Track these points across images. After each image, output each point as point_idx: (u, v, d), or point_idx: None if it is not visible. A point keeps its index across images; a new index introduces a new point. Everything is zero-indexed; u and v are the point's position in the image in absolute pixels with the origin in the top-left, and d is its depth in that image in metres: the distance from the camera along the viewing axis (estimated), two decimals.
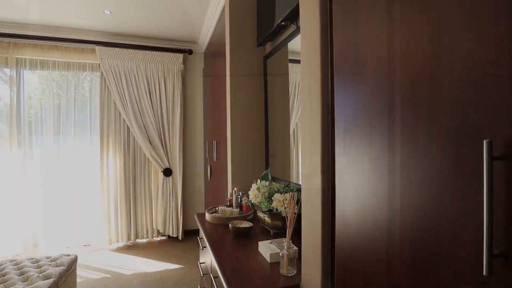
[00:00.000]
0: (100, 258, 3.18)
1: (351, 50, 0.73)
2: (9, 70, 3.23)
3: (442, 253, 0.47)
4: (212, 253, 1.27)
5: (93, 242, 3.50)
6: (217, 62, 2.79)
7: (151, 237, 3.66)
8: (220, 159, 2.58)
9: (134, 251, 3.36)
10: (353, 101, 0.72)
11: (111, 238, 3.47)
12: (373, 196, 0.64)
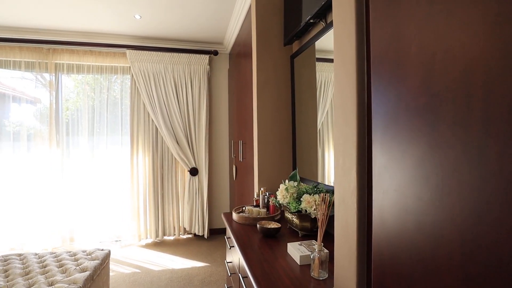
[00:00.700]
0: (130, 254, 3.31)
1: (391, 44, 0.69)
2: (48, 75, 3.45)
3: (502, 266, 0.43)
4: (241, 253, 1.26)
5: (124, 238, 3.65)
6: (242, 62, 2.80)
7: (178, 235, 3.75)
8: (246, 159, 2.59)
9: (161, 248, 3.45)
10: (394, 97, 0.68)
11: (140, 235, 3.60)
12: (416, 199, 0.60)
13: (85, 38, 3.44)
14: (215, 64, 3.88)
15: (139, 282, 2.65)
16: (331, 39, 1.59)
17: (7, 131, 3.49)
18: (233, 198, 3.55)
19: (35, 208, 3.42)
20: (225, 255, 3.22)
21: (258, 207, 1.84)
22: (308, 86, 1.89)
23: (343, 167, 0.90)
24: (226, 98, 3.92)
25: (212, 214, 3.90)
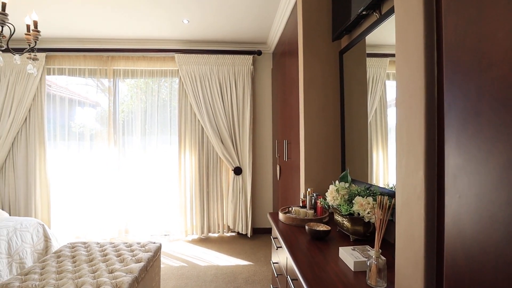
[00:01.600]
0: (178, 248, 3.46)
1: (470, 29, 0.61)
2: (107, 81, 3.78)
3: None
4: (290, 254, 1.23)
5: (172, 232, 3.84)
6: (287, 61, 2.76)
7: (222, 232, 3.84)
8: (292, 158, 2.55)
9: (206, 244, 3.56)
10: (474, 89, 0.60)
11: (187, 230, 3.76)
12: (508, 206, 0.52)
13: (139, 45, 3.69)
14: (259, 64, 3.90)
15: (186, 275, 2.76)
16: (384, 32, 1.49)
17: (73, 132, 3.89)
18: (277, 198, 3.52)
19: (96, 201, 3.77)
20: (269, 255, 3.21)
21: (305, 208, 1.80)
22: (358, 83, 1.79)
23: (407, 168, 0.82)
24: (270, 98, 3.92)
25: (255, 213, 3.92)
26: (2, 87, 3.55)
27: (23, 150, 3.65)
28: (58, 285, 1.64)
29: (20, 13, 2.78)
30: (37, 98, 3.62)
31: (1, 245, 2.20)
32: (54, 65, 3.68)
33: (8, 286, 1.64)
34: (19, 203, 3.64)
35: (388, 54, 1.56)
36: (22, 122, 3.59)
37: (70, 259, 2.02)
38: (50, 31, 3.36)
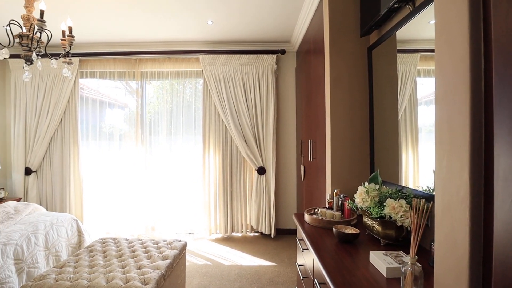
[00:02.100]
0: (202, 246, 3.51)
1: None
2: (135, 83, 3.91)
3: None
4: (317, 257, 1.20)
5: (196, 231, 3.90)
6: (312, 59, 2.71)
7: (245, 232, 3.84)
8: (317, 159, 2.49)
9: (230, 244, 3.58)
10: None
11: (210, 229, 3.80)
12: None
13: (165, 47, 3.79)
14: (282, 63, 3.86)
15: (210, 274, 2.79)
16: (416, 25, 1.41)
17: (103, 132, 4.07)
18: (301, 198, 3.47)
19: (124, 198, 3.92)
20: (293, 256, 3.17)
21: (332, 210, 1.75)
22: (388, 80, 1.72)
23: (449, 169, 0.76)
24: (294, 97, 3.87)
25: (279, 214, 3.89)
26: (40, 90, 3.79)
27: (59, 149, 3.86)
28: (90, 279, 1.71)
29: (56, 20, 2.94)
30: (71, 100, 3.83)
31: (39, 239, 2.34)
32: (86, 69, 3.87)
33: (45, 277, 1.74)
34: (55, 199, 3.86)
35: (419, 50, 1.48)
36: (58, 123, 3.81)
37: (101, 254, 2.10)
38: (83, 37, 3.53)
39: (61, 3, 2.66)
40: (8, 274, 1.98)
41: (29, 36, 2.00)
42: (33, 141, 3.81)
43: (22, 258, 2.13)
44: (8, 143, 4.01)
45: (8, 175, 3.98)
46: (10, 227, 2.30)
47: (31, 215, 2.65)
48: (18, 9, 2.71)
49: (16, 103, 3.82)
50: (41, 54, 2.22)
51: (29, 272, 2.16)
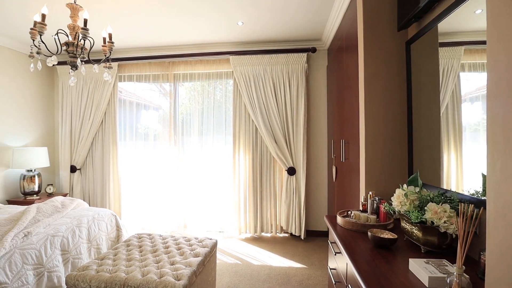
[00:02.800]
0: (232, 245, 3.55)
1: None
2: (168, 85, 4.06)
3: None
4: (352, 262, 1.15)
5: (226, 229, 3.95)
6: (344, 57, 2.62)
7: (275, 232, 3.82)
8: (349, 159, 2.40)
9: (259, 244, 3.58)
10: None
11: (240, 228, 3.83)
12: None
13: (197, 49, 3.89)
14: (313, 62, 3.79)
15: (240, 273, 2.81)
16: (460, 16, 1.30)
17: (139, 133, 4.28)
18: (332, 200, 3.38)
19: (158, 196, 4.08)
20: (324, 259, 3.09)
21: (366, 213, 1.67)
22: (428, 76, 1.60)
23: (504, 171, 0.68)
24: (325, 96, 3.78)
25: (309, 215, 3.82)
26: (84, 94, 4.07)
27: (100, 149, 4.13)
28: (127, 272, 1.80)
29: (97, 27, 3.14)
30: (111, 103, 4.07)
31: (82, 232, 2.51)
32: (124, 73, 4.09)
33: (88, 268, 1.85)
34: (96, 195, 4.13)
35: (463, 42, 1.36)
36: (99, 124, 4.07)
37: (138, 249, 2.20)
38: (121, 43, 3.73)
39: (102, 12, 2.84)
40: (55, 264, 2.14)
41: (74, 43, 2.15)
42: (78, 141, 4.10)
43: (67, 249, 2.30)
44: (56, 143, 4.36)
45: (56, 172, 4.33)
46: (57, 220, 2.50)
47: (76, 210, 2.85)
48: (65, 19, 2.93)
49: (63, 106, 4.14)
50: (84, 60, 2.39)
51: (73, 263, 2.32)
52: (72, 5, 2.11)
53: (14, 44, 3.68)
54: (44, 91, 4.21)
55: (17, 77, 3.78)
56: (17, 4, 2.66)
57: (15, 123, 3.75)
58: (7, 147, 3.64)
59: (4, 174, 3.63)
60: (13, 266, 1.85)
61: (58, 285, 2.12)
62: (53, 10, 2.76)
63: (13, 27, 3.21)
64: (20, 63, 3.82)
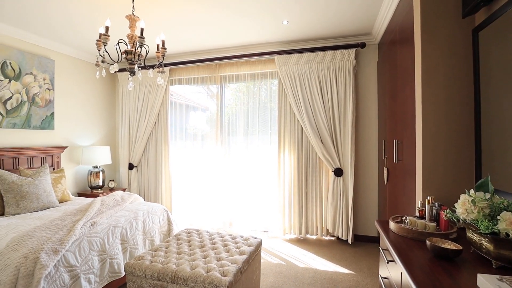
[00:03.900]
0: (276, 245, 3.54)
1: None
2: (215, 87, 4.20)
3: None
4: (408, 273, 1.05)
5: (271, 229, 3.96)
6: (398, 50, 2.43)
7: (320, 235, 3.71)
8: (403, 160, 2.23)
9: (304, 245, 3.51)
10: None
11: (285, 229, 3.80)
12: None
13: (242, 51, 3.96)
14: (362, 58, 3.60)
15: (284, 274, 2.78)
16: None
17: (188, 133, 4.51)
18: (383, 204, 3.17)
19: (205, 194, 4.25)
20: (374, 266, 2.92)
21: (423, 219, 1.53)
22: (502, 68, 1.40)
23: None
24: (375, 93, 3.56)
25: (357, 219, 3.64)
26: (140, 97, 4.42)
27: (153, 148, 4.44)
28: (177, 264, 1.90)
29: (152, 35, 3.38)
30: (163, 105, 4.35)
31: (139, 224, 2.72)
32: (175, 76, 4.35)
33: (143, 258, 2.00)
34: (150, 191, 4.45)
35: None
36: (153, 125, 4.38)
37: (187, 243, 2.31)
38: (173, 48, 3.97)
39: (155, 21, 3.04)
40: (116, 252, 2.36)
41: (132, 51, 2.34)
42: (134, 141, 4.47)
43: (126, 239, 2.51)
44: (117, 142, 4.80)
45: (117, 169, 4.77)
46: (118, 213, 2.74)
47: (133, 204, 3.11)
48: (124, 29, 3.21)
49: (122, 109, 4.55)
50: (141, 66, 2.58)
51: (131, 252, 2.52)
52: (131, 16, 2.30)
53: (82, 54, 4.14)
54: (107, 96, 4.66)
55: (85, 84, 4.25)
56: (87, 20, 2.99)
57: (83, 125, 4.22)
58: (78, 146, 4.11)
59: (75, 170, 4.11)
60: (82, 251, 2.08)
61: (118, 271, 2.32)
62: (114, 21, 3.04)
63: (82, 40, 3.62)
64: (87, 71, 4.28)
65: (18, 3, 2.65)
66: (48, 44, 3.64)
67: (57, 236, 2.03)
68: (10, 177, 2.75)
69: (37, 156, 3.50)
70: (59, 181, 3.32)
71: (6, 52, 3.18)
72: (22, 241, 1.93)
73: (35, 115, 3.50)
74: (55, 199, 3.05)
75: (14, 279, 1.71)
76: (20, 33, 3.30)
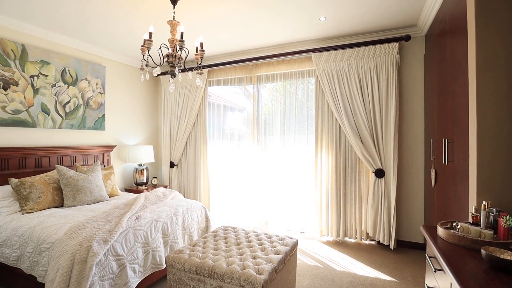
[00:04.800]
0: (312, 247, 3.46)
1: None
2: (251, 87, 4.24)
3: None
4: (459, 284, 0.96)
5: (307, 230, 3.88)
6: (448, 41, 2.24)
7: (360, 238, 3.55)
8: (454, 162, 2.04)
9: (342, 249, 3.39)
10: None
11: (322, 231, 3.70)
12: None
13: (278, 50, 3.95)
14: (406, 51, 3.37)
15: (320, 276, 2.71)
16: None
17: (226, 133, 4.61)
18: (430, 208, 2.94)
19: (242, 192, 4.31)
20: (419, 274, 2.72)
21: (477, 226, 1.38)
22: None
23: None
24: (421, 89, 3.32)
25: (401, 224, 3.42)
26: (180, 99, 4.62)
27: (192, 147, 4.61)
28: (214, 260, 1.95)
29: (191, 38, 3.51)
30: (202, 106, 4.50)
31: (178, 219, 2.85)
32: (213, 78, 4.47)
33: (182, 252, 2.08)
34: (189, 188, 4.63)
35: None
36: (192, 125, 4.55)
37: (223, 240, 2.36)
38: (210, 50, 4.09)
39: (193, 24, 3.15)
40: (157, 244, 2.49)
41: (173, 54, 2.45)
42: (175, 140, 4.68)
43: (167, 233, 2.64)
44: (159, 142, 5.08)
45: (159, 167, 5.04)
46: (159, 208, 2.89)
47: (173, 200, 3.26)
48: (166, 34, 3.38)
49: (164, 110, 4.79)
50: (181, 69, 2.70)
51: (171, 245, 2.65)
52: (172, 21, 2.41)
53: (128, 59, 4.44)
54: (150, 98, 4.95)
55: (131, 88, 4.56)
56: (134, 27, 3.20)
57: (130, 126, 4.53)
58: (125, 145, 4.43)
59: (123, 167, 4.42)
60: (128, 242, 2.23)
61: (160, 263, 2.45)
62: (156, 27, 3.21)
63: (128, 46, 3.89)
64: (132, 75, 4.59)
65: (82, 18, 2.93)
66: (100, 51, 3.97)
67: (107, 227, 2.20)
68: (68, 173, 3.05)
69: (90, 154, 3.84)
70: (109, 177, 3.60)
71: (65, 60, 3.54)
72: (77, 230, 2.13)
73: (89, 116, 3.84)
74: (105, 193, 3.32)
75: (70, 264, 1.89)
76: (77, 43, 3.65)
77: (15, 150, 3.04)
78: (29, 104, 3.20)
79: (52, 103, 3.42)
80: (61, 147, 3.46)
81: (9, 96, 3.02)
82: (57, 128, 3.47)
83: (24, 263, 2.21)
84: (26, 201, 2.74)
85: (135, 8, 2.80)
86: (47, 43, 3.39)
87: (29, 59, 3.17)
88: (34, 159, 3.23)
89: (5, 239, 2.36)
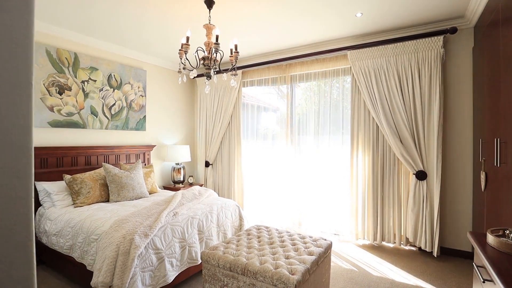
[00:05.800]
0: (347, 250, 3.36)
1: None
2: (285, 87, 4.23)
3: None
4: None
5: (342, 233, 3.78)
6: (501, 32, 2.04)
7: (399, 244, 3.38)
8: (507, 163, 1.86)
9: (379, 253, 3.25)
10: None
11: (357, 234, 3.58)
12: None
13: (312, 49, 3.89)
14: (452, 45, 3.13)
15: (356, 281, 2.62)
16: None
17: (259, 133, 4.65)
18: (479, 214, 2.70)
19: (276, 192, 4.32)
20: (465, 284, 2.52)
21: None
22: None
23: None
24: (469, 85, 3.06)
25: (445, 229, 3.18)
26: (215, 99, 4.75)
27: (227, 147, 4.72)
28: (247, 258, 1.98)
29: (226, 40, 3.60)
30: (236, 106, 4.59)
31: (213, 217, 2.94)
32: (247, 79, 4.53)
33: (216, 248, 2.15)
34: (224, 187, 4.74)
35: None
36: (226, 126, 4.66)
37: (256, 239, 2.39)
38: (244, 52, 4.15)
39: (227, 26, 3.23)
40: (193, 241, 2.59)
41: (209, 57, 2.54)
42: (210, 141, 4.83)
43: (202, 230, 2.74)
44: (195, 142, 5.27)
45: (195, 166, 5.23)
46: (195, 206, 3.01)
47: (208, 198, 3.36)
48: (201, 37, 3.51)
49: (200, 111, 4.97)
50: (216, 71, 2.78)
51: (206, 242, 2.74)
52: (207, 25, 2.49)
53: (167, 63, 4.67)
54: (187, 100, 5.16)
55: (169, 90, 4.79)
56: (171, 32, 3.37)
57: (168, 126, 4.77)
58: (164, 145, 4.66)
59: (161, 166, 4.67)
60: (166, 237, 2.35)
61: (195, 259, 2.55)
62: (193, 31, 3.34)
63: (167, 51, 4.09)
64: (170, 78, 4.82)
65: (116, 24, 3.16)
66: (141, 57, 4.23)
67: (147, 222, 2.35)
68: (113, 170, 3.29)
69: (132, 153, 4.11)
70: (149, 175, 3.83)
71: (111, 66, 3.82)
72: (121, 223, 2.30)
73: (132, 118, 4.11)
74: (146, 190, 3.53)
75: (115, 254, 2.05)
76: (121, 49, 3.93)
77: (69, 149, 3.36)
78: (80, 107, 3.51)
79: (100, 106, 3.71)
80: (107, 147, 3.75)
81: (64, 100, 3.34)
82: (104, 129, 3.77)
83: (75, 252, 2.43)
84: (77, 195, 3.01)
85: (170, 13, 2.94)
86: (96, 51, 3.70)
87: (80, 66, 3.49)
88: (84, 157, 3.54)
89: (60, 230, 2.62)
